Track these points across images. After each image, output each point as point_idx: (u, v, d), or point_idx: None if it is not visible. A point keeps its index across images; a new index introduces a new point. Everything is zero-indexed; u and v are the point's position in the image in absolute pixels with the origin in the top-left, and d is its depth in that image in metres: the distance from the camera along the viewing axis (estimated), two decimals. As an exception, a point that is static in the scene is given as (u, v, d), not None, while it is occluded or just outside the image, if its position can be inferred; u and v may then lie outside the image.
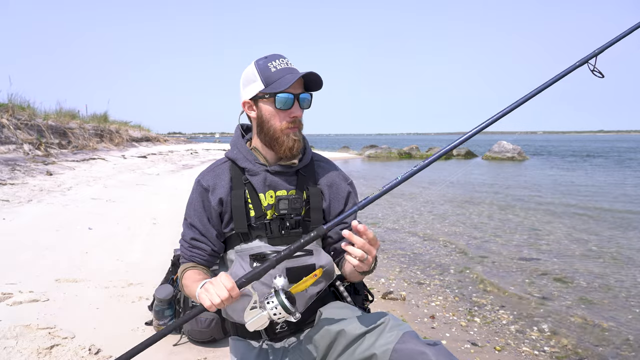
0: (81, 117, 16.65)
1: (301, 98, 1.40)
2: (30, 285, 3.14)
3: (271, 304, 1.18)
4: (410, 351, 1.18)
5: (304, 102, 1.41)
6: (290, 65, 1.41)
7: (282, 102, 1.37)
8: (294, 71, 1.39)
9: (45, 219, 5.20)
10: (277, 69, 1.38)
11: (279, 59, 1.41)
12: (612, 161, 22.64)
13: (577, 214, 7.76)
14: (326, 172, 1.53)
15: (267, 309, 1.18)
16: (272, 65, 1.39)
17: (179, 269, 1.51)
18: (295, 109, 1.39)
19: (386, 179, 14.36)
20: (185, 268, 1.46)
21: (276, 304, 1.17)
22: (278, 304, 1.17)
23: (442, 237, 6.04)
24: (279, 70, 1.38)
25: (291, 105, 1.38)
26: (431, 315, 3.38)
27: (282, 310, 1.17)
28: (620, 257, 4.97)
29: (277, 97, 1.36)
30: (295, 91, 1.38)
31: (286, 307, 1.17)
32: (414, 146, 30.49)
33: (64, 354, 2.25)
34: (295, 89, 1.38)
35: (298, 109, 1.40)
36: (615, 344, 2.91)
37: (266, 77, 1.38)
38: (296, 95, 1.38)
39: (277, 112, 1.39)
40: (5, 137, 9.89)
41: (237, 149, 1.48)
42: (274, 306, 1.17)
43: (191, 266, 1.47)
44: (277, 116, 1.39)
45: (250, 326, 1.20)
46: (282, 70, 1.38)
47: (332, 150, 35.64)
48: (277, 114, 1.39)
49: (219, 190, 1.44)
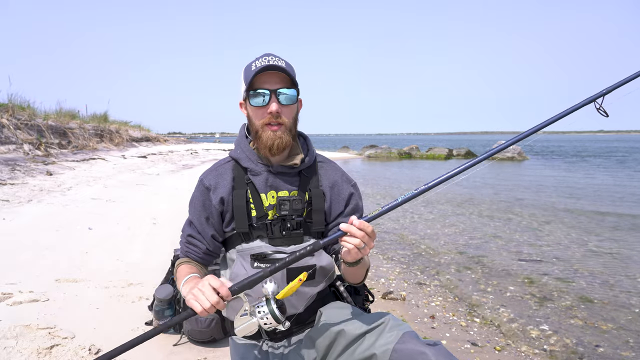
0: (81, 117, 16.65)
1: (279, 93, 1.36)
2: (30, 285, 3.14)
3: (261, 313, 1.17)
4: (410, 351, 1.18)
5: (284, 98, 1.37)
6: (272, 61, 1.35)
7: (254, 100, 1.37)
8: (273, 67, 1.35)
9: (45, 219, 5.20)
10: (257, 67, 1.35)
11: (265, 57, 1.38)
12: (614, 161, 22.64)
13: (577, 214, 7.75)
14: (329, 174, 1.53)
15: (257, 316, 1.18)
16: (254, 64, 1.37)
17: (176, 263, 1.53)
18: (271, 105, 1.35)
19: (386, 179, 14.40)
20: (180, 262, 1.49)
21: (266, 313, 1.17)
22: (268, 313, 1.16)
23: (442, 237, 6.04)
24: (257, 68, 1.35)
25: (267, 102, 1.36)
26: (431, 315, 3.38)
27: (272, 320, 1.16)
28: (621, 257, 4.97)
29: (250, 95, 1.37)
30: (271, 87, 1.35)
31: (276, 317, 1.16)
32: (414, 146, 30.51)
33: (64, 354, 2.25)
34: (272, 84, 1.35)
35: (275, 104, 1.35)
36: (615, 344, 2.91)
37: (247, 77, 1.38)
38: (273, 90, 1.35)
39: (255, 109, 1.38)
40: (5, 137, 9.89)
41: (241, 148, 1.48)
42: (264, 315, 1.17)
43: (185, 261, 1.49)
44: (256, 114, 1.39)
45: (239, 332, 1.20)
46: (260, 69, 1.34)
47: (332, 150, 35.63)
48: (256, 111, 1.39)
49: (220, 189, 1.44)
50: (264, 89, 1.35)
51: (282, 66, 1.34)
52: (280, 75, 1.36)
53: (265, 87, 1.35)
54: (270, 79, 1.35)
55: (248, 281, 1.19)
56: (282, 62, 1.37)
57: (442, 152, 27.77)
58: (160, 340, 2.51)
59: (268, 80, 1.35)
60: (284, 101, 1.37)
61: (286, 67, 1.37)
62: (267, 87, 1.35)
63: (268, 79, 1.35)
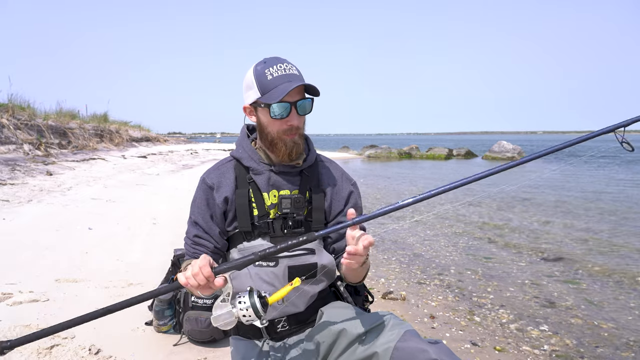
0: (81, 117, 16.65)
1: (299, 105, 1.36)
2: (30, 285, 3.14)
3: (242, 304, 1.13)
4: (411, 349, 1.19)
5: (302, 109, 1.38)
6: (288, 70, 1.36)
7: (276, 113, 1.35)
8: (292, 77, 1.35)
9: (45, 219, 5.20)
10: (274, 76, 1.34)
11: (277, 64, 1.37)
12: (615, 162, 22.63)
13: (577, 214, 7.76)
14: (330, 173, 1.54)
15: (237, 307, 1.14)
16: (269, 72, 1.35)
17: (182, 265, 1.50)
18: (292, 117, 1.36)
19: (386, 180, 14.39)
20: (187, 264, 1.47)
21: (247, 305, 1.13)
22: (250, 306, 1.12)
23: (442, 237, 6.04)
24: (275, 78, 1.34)
25: (288, 114, 1.35)
26: (431, 315, 3.38)
27: (252, 313, 1.13)
28: (621, 257, 4.97)
29: (272, 108, 1.34)
30: (291, 99, 1.35)
31: (257, 310, 1.12)
32: (414, 146, 30.52)
33: (64, 354, 2.25)
34: (292, 96, 1.35)
35: (295, 117, 1.36)
36: (615, 345, 2.91)
37: (262, 86, 1.36)
38: (293, 103, 1.35)
39: (273, 120, 1.37)
40: (5, 137, 9.89)
41: (242, 148, 1.48)
42: (245, 307, 1.13)
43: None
44: (273, 124, 1.38)
45: (214, 320, 1.14)
46: (278, 78, 1.34)
47: (332, 150, 35.64)
48: (274, 122, 1.37)
49: (223, 188, 1.44)
50: (286, 102, 1.34)
51: (305, 83, 1.35)
52: (300, 87, 1.36)
53: (286, 99, 1.34)
54: (293, 90, 1.34)
55: (236, 263, 1.16)
56: (295, 71, 1.37)
57: (442, 152, 27.78)
58: (160, 340, 2.51)
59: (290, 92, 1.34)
60: (302, 112, 1.39)
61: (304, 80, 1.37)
62: (288, 100, 1.34)
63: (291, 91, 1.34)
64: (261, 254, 1.17)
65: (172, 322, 2.59)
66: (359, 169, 19.67)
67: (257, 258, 1.17)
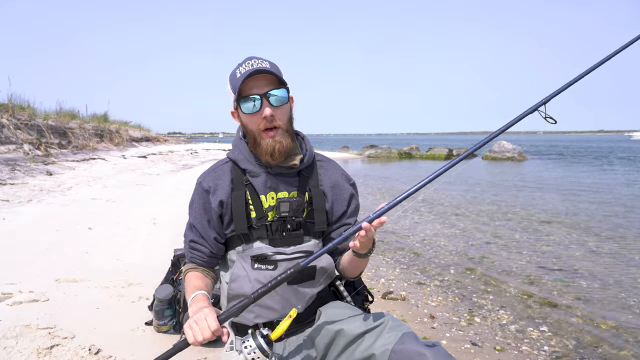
0: (81, 117, 16.64)
1: (269, 96, 1.34)
2: (30, 285, 3.14)
3: (248, 348, 1.19)
4: (409, 352, 1.18)
5: (275, 99, 1.35)
6: (257, 65, 1.32)
7: (245, 106, 1.35)
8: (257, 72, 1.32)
9: (45, 219, 5.20)
10: (242, 73, 1.33)
11: (247, 62, 1.35)
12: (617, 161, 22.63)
13: (577, 214, 7.75)
14: (328, 173, 1.52)
15: (243, 352, 1.19)
16: (239, 71, 1.35)
17: (183, 268, 1.53)
18: (264, 110, 1.33)
19: (387, 179, 14.39)
20: (187, 269, 1.49)
21: (254, 347, 1.18)
22: (256, 347, 1.18)
23: (442, 237, 6.04)
24: (242, 75, 1.32)
25: (259, 107, 1.33)
26: (431, 315, 3.38)
27: (261, 354, 1.18)
28: (621, 258, 4.97)
29: (240, 104, 1.35)
30: (260, 91, 1.33)
31: (263, 350, 1.18)
32: (414, 146, 30.49)
33: (64, 354, 2.25)
34: (260, 88, 1.33)
35: (268, 108, 1.33)
36: (615, 345, 2.91)
37: (234, 86, 1.36)
38: (263, 94, 1.33)
39: (248, 117, 1.36)
40: (5, 137, 9.89)
41: (238, 149, 1.47)
42: (252, 350, 1.18)
43: (192, 267, 1.49)
44: (250, 121, 1.37)
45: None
46: (245, 74, 1.32)
47: (331, 150, 35.62)
48: (249, 118, 1.37)
49: (219, 191, 1.43)
50: (254, 94, 1.33)
51: (268, 68, 1.32)
52: (268, 78, 1.34)
53: (254, 92, 1.33)
54: (258, 83, 1.33)
55: (235, 309, 1.22)
56: (266, 64, 1.34)
57: (442, 152, 27.75)
58: (160, 341, 2.51)
59: (256, 84, 1.33)
60: (275, 103, 1.35)
61: (271, 67, 1.34)
62: (256, 92, 1.33)
63: (256, 83, 1.33)
64: (254, 295, 1.22)
65: (172, 322, 2.59)
66: (359, 169, 19.67)
67: (251, 301, 1.22)
